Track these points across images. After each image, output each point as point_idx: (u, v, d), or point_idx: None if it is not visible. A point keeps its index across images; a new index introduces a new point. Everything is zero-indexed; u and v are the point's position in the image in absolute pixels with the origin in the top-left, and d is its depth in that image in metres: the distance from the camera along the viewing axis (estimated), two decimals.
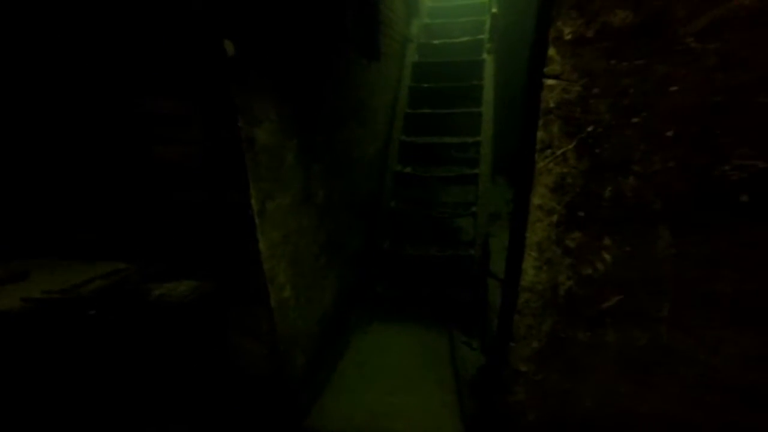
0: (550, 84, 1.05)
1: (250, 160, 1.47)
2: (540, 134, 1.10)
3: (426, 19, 5.03)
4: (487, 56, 4.33)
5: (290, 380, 2.04)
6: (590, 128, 1.04)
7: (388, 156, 3.84)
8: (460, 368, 2.78)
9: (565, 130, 1.07)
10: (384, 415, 2.39)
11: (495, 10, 4.12)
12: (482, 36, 4.64)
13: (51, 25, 1.42)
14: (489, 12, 4.48)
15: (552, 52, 1.02)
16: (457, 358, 2.89)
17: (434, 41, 4.74)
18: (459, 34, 4.96)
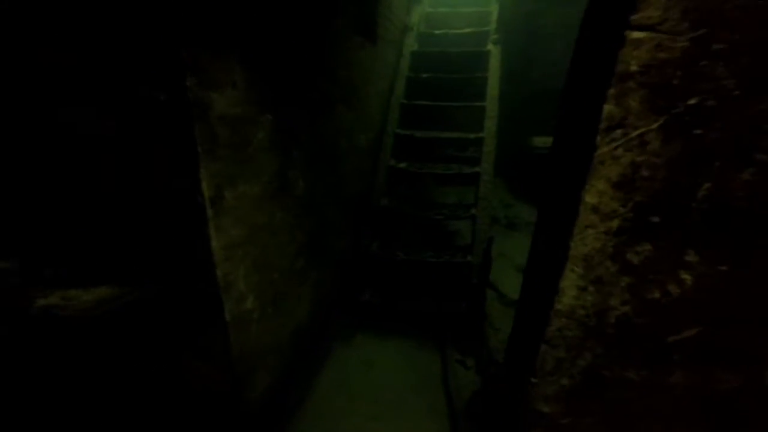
0: (638, 38, 0.71)
1: (202, 132, 1.11)
2: (609, 108, 0.76)
3: (428, 8, 4.70)
4: (493, 47, 4.02)
5: (251, 406, 1.67)
6: (694, 100, 0.70)
7: (381, 149, 3.49)
8: (453, 391, 2.44)
9: (650, 103, 0.73)
10: None
11: None
12: (487, 28, 4.32)
13: None
14: (497, 1, 4.17)
15: None
16: (450, 378, 2.55)
17: (435, 31, 4.42)
18: (462, 25, 4.64)
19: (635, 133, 0.75)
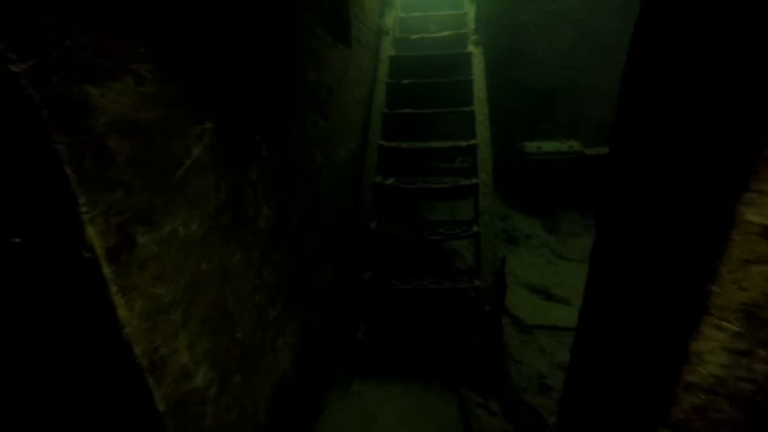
0: None
1: (74, 149, 0.69)
2: None
3: (401, 13, 4.42)
4: (474, 49, 3.73)
5: None
6: None
7: (364, 164, 3.11)
8: None
9: None
10: None
11: None
12: (464, 30, 4.05)
13: None
14: (473, 2, 3.91)
15: None
16: (474, 429, 2.10)
17: (411, 36, 4.13)
18: (437, 29, 4.37)
19: None
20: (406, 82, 3.55)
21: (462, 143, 3.17)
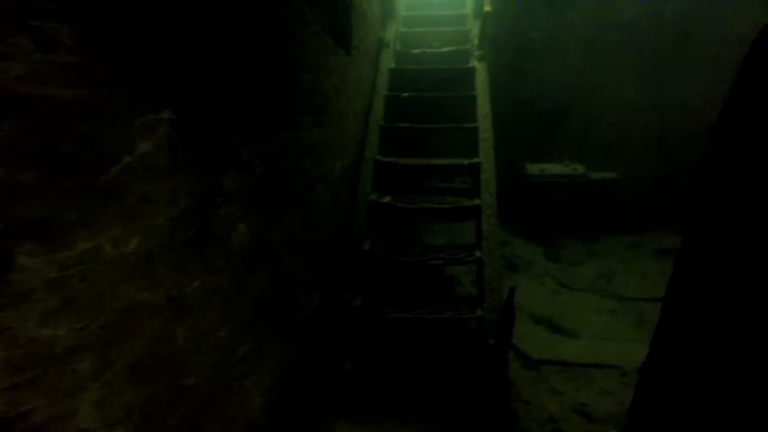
0: None
1: None
2: None
3: (402, 28, 4.29)
4: (478, 64, 3.58)
5: None
6: None
7: (359, 180, 2.88)
8: None
9: None
10: None
11: (488, 7, 3.40)
12: (467, 46, 3.91)
13: None
14: (480, 14, 3.79)
15: None
16: None
17: (412, 50, 3.98)
18: (439, 45, 4.23)
19: None
20: (405, 95, 3.36)
21: (464, 161, 2.97)
